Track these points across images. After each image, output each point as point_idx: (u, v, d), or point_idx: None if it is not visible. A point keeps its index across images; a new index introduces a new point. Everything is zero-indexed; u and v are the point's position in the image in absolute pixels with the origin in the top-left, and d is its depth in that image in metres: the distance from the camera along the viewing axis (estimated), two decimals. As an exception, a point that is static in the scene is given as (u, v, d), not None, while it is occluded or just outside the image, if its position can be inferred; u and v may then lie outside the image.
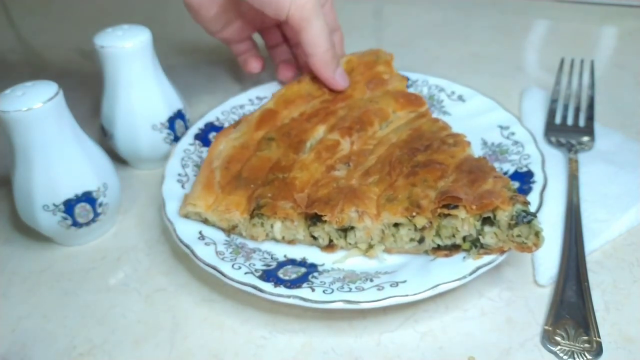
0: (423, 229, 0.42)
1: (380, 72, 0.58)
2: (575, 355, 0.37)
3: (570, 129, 0.57)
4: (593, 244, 0.45)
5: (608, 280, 0.42)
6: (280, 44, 0.66)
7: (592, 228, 0.46)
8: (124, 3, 0.98)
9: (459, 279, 0.39)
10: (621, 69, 0.70)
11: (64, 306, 0.44)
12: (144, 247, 0.49)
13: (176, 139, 0.56)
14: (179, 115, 0.56)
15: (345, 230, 0.44)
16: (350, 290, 0.40)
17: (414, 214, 0.41)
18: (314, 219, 0.44)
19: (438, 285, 0.39)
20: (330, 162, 0.48)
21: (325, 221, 0.43)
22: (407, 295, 0.38)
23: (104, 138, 0.56)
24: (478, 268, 0.40)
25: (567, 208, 0.47)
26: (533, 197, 0.44)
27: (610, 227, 0.46)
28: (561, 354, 0.37)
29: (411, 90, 0.60)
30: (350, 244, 0.45)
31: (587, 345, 0.37)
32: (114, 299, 0.44)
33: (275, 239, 0.46)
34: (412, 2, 0.91)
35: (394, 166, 0.46)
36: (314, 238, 0.45)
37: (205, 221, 0.47)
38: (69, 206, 0.45)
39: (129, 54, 0.50)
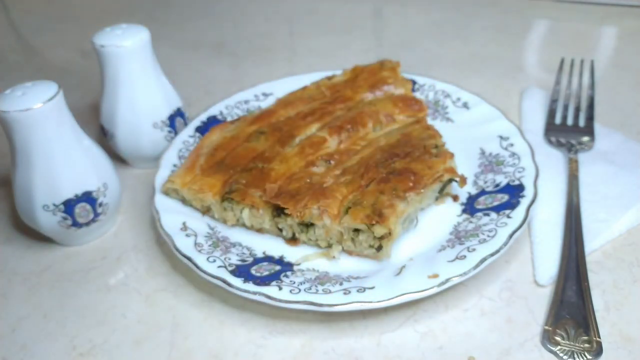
0: (382, 237, 0.42)
1: (384, 77, 0.58)
2: (575, 355, 0.37)
3: (570, 129, 0.57)
4: (593, 244, 0.45)
5: (608, 280, 0.42)
6: None
7: (592, 228, 0.46)
8: (124, 3, 0.98)
9: (424, 290, 0.39)
10: (621, 69, 0.70)
11: (64, 306, 0.44)
12: (144, 247, 0.49)
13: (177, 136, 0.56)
14: (179, 113, 0.56)
15: (307, 226, 0.45)
16: (317, 292, 0.40)
17: (374, 222, 0.42)
18: (279, 210, 0.45)
19: (403, 294, 0.38)
20: (312, 158, 0.49)
21: (289, 214, 0.44)
22: (371, 302, 0.38)
23: (104, 138, 0.56)
24: (447, 280, 0.39)
25: (567, 208, 0.47)
26: (519, 212, 0.44)
27: (610, 227, 0.46)
28: (561, 354, 0.37)
29: (417, 94, 0.60)
30: (310, 239, 0.45)
31: (587, 345, 0.37)
32: (114, 299, 0.44)
33: (245, 226, 0.47)
34: (412, 2, 0.91)
35: (368, 169, 0.46)
36: (280, 230, 0.46)
37: (184, 201, 0.49)
38: (69, 206, 0.45)
39: (128, 52, 0.50)
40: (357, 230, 0.43)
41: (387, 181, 0.44)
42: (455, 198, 0.49)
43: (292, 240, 0.46)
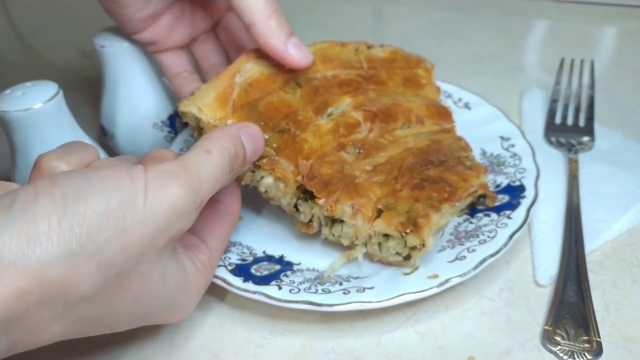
0: (413, 248, 0.41)
1: (419, 75, 0.56)
2: (575, 355, 0.37)
3: (570, 129, 0.57)
4: (593, 244, 0.45)
5: (608, 280, 0.43)
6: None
7: (592, 228, 0.46)
8: (124, 3, 0.98)
9: (424, 290, 0.39)
10: (621, 69, 0.70)
11: (64, 306, 0.44)
12: (144, 247, 0.49)
13: (177, 136, 0.56)
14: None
15: (334, 221, 0.43)
16: (316, 291, 0.40)
17: (408, 231, 0.40)
18: (307, 194, 0.42)
19: (402, 295, 0.38)
20: (344, 140, 0.46)
21: (317, 203, 0.42)
22: (370, 302, 0.38)
23: (104, 138, 0.56)
24: (447, 280, 0.39)
25: (567, 208, 0.47)
26: (519, 213, 0.44)
27: (610, 227, 0.46)
28: (561, 354, 0.37)
29: None
30: (333, 234, 0.43)
31: (587, 345, 0.37)
32: (114, 299, 0.44)
33: (256, 187, 0.44)
34: (412, 2, 0.91)
35: (402, 173, 0.44)
36: (297, 209, 0.44)
37: (198, 129, 0.44)
38: (69, 206, 0.45)
39: (128, 52, 0.50)
40: (386, 236, 0.42)
41: (422, 188, 0.43)
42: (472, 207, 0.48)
43: (306, 225, 0.44)
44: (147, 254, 0.30)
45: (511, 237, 0.42)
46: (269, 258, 0.45)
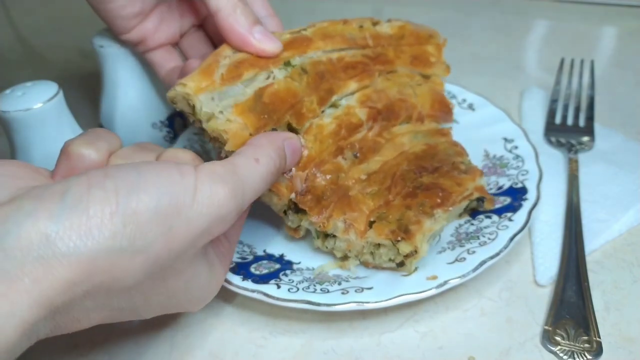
0: (407, 255, 0.40)
1: (428, 53, 0.54)
2: (575, 355, 0.37)
3: (570, 129, 0.57)
4: (593, 244, 0.45)
5: (608, 280, 0.43)
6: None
7: (592, 228, 0.46)
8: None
9: (422, 292, 0.39)
10: (621, 69, 0.70)
11: (64, 306, 0.44)
12: (144, 247, 0.49)
13: (176, 137, 0.56)
14: (179, 113, 0.56)
15: (326, 235, 0.43)
16: (315, 291, 0.40)
17: (399, 238, 0.40)
18: (298, 208, 0.42)
19: (400, 295, 0.38)
20: (343, 143, 0.46)
21: (306, 217, 0.42)
22: (368, 302, 0.38)
23: (104, 138, 0.56)
24: (446, 282, 0.39)
25: (567, 208, 0.47)
26: (521, 215, 0.43)
27: (610, 227, 0.46)
28: (561, 354, 0.37)
29: None
30: (327, 247, 0.43)
31: (587, 345, 0.37)
32: (114, 299, 0.44)
33: None
34: (412, 2, 0.91)
35: (396, 182, 0.44)
36: (286, 214, 0.44)
37: (191, 110, 0.41)
38: (69, 206, 0.45)
39: (128, 52, 0.50)
40: (377, 245, 0.42)
41: (414, 196, 0.43)
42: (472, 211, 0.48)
43: (294, 230, 0.44)
44: (186, 252, 0.31)
45: (512, 239, 0.42)
46: (269, 257, 0.45)
